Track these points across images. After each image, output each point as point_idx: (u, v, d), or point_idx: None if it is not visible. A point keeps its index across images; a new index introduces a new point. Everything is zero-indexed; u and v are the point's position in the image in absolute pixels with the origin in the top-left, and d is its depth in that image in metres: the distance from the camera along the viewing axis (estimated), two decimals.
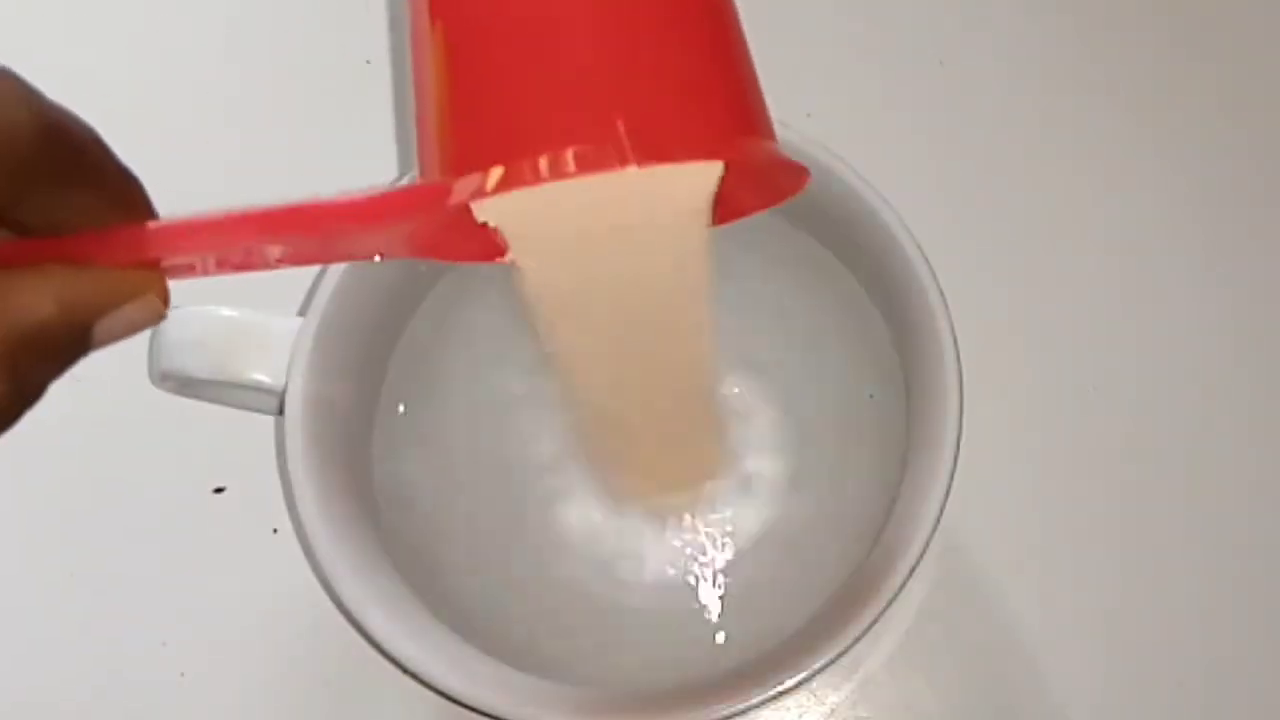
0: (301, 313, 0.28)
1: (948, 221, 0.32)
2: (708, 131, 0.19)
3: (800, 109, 0.35)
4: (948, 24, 0.38)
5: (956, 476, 0.26)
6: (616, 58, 0.19)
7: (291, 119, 0.37)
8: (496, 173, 0.18)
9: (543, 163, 0.18)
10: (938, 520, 0.26)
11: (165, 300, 0.19)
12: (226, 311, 0.28)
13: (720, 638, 0.29)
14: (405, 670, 0.26)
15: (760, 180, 0.22)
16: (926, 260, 0.27)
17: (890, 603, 0.25)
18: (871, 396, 0.30)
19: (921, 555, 0.26)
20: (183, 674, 0.32)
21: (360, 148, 0.36)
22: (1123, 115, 0.37)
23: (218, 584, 0.32)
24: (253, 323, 0.28)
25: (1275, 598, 0.32)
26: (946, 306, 0.27)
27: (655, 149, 0.18)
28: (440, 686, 0.25)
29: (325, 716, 0.32)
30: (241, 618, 0.32)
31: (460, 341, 0.31)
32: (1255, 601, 0.33)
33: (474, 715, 0.26)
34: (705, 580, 0.29)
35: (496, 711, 0.25)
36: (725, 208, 0.22)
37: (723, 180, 0.21)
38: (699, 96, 0.19)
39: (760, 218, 0.21)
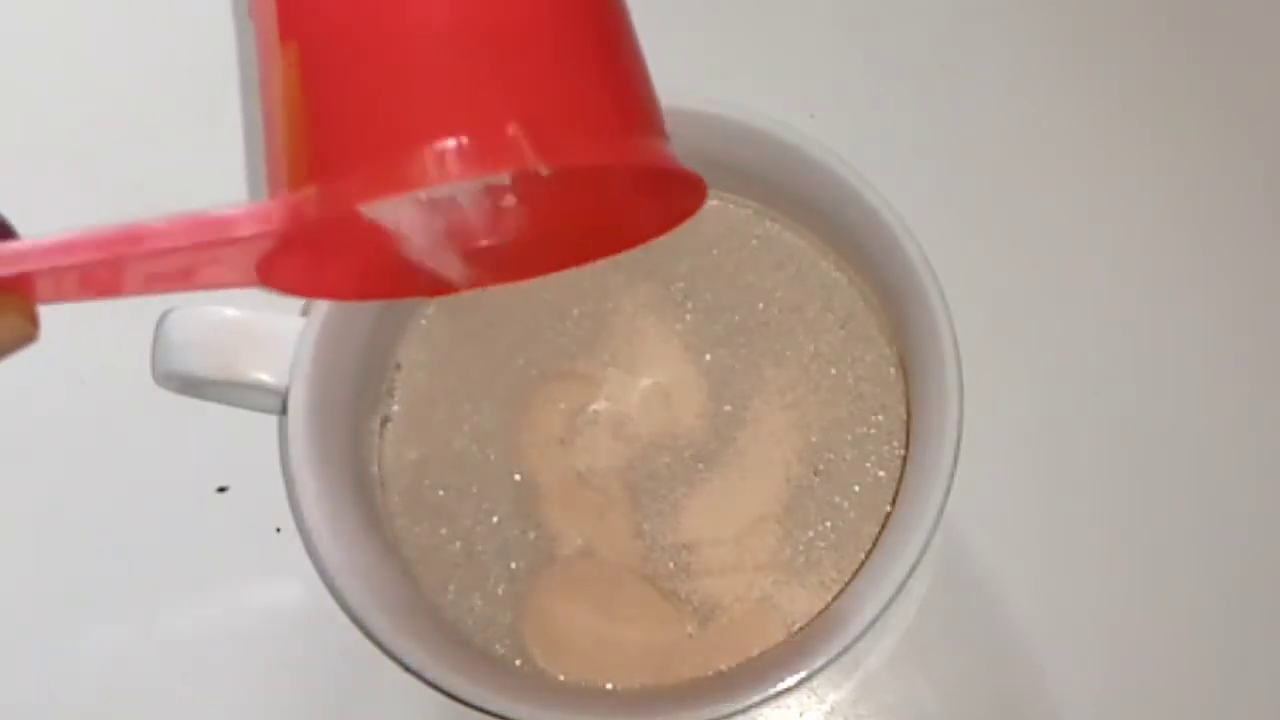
0: (304, 312, 0.28)
1: (949, 222, 0.33)
2: (605, 133, 0.17)
3: (803, 109, 0.35)
4: (950, 25, 0.38)
5: (956, 476, 0.26)
6: (494, 61, 0.17)
7: None
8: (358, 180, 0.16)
9: (429, 155, 0.16)
10: (938, 520, 0.26)
11: (31, 320, 0.18)
12: (229, 311, 0.28)
13: (722, 635, 0.29)
14: (407, 669, 0.26)
15: (659, 190, 0.20)
16: (927, 260, 0.27)
17: (890, 602, 0.25)
18: (871, 396, 0.30)
19: (922, 555, 0.26)
20: (185, 674, 0.32)
21: None
22: (1123, 116, 0.37)
23: (221, 583, 0.33)
24: (255, 322, 0.28)
25: (1276, 597, 0.33)
26: (947, 306, 0.27)
27: (555, 149, 0.16)
28: (442, 685, 0.26)
29: (327, 715, 0.32)
30: (244, 617, 0.32)
31: (464, 341, 0.31)
32: (1256, 601, 0.33)
33: (475, 714, 0.26)
34: (707, 577, 0.29)
35: (497, 710, 0.25)
36: (623, 230, 0.20)
37: (618, 189, 0.19)
38: (593, 99, 0.17)
39: (759, 219, 0.21)
